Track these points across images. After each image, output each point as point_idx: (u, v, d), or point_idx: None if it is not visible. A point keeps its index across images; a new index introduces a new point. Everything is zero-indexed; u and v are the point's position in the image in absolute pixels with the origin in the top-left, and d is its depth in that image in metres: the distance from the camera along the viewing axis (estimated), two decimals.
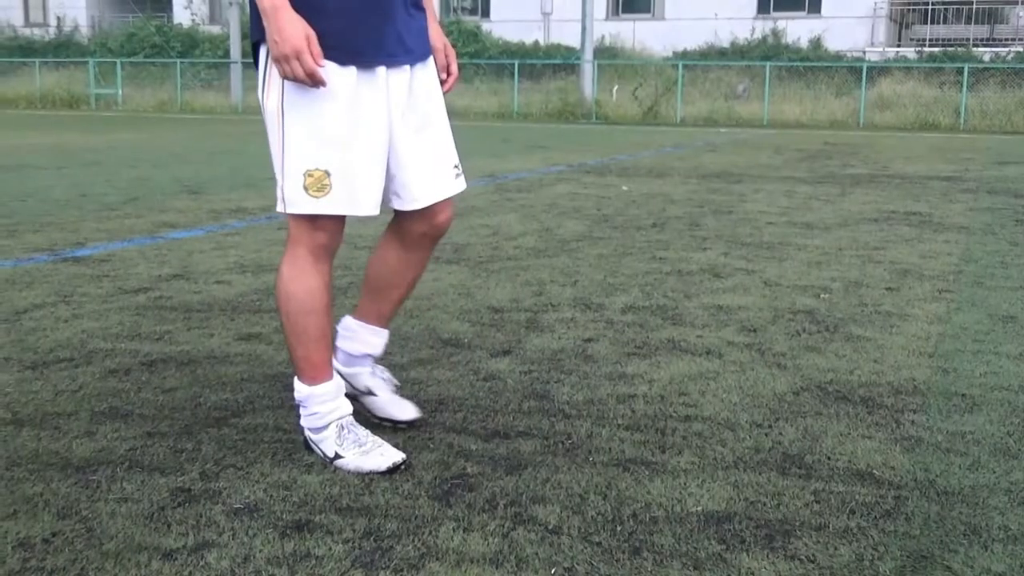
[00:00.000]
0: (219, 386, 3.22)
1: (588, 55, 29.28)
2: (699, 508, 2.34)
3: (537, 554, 2.10)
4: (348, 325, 2.86)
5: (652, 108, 27.55)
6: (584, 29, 29.04)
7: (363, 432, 2.61)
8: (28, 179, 9.79)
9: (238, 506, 2.31)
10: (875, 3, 34.46)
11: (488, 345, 3.77)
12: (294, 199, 2.47)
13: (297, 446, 2.68)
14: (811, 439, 2.81)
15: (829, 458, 2.67)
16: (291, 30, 2.29)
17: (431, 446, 2.71)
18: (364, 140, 2.47)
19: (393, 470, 2.51)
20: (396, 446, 2.65)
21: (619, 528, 2.23)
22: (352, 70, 2.43)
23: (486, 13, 38.13)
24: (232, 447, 2.68)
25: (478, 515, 2.28)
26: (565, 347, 3.76)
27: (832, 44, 32.70)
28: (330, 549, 2.11)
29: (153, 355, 3.58)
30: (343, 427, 2.58)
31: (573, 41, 31.97)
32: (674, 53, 32.91)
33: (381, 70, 2.48)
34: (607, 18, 36.29)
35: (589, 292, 4.75)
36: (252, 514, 2.27)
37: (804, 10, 35.21)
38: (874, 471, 2.58)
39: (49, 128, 20.01)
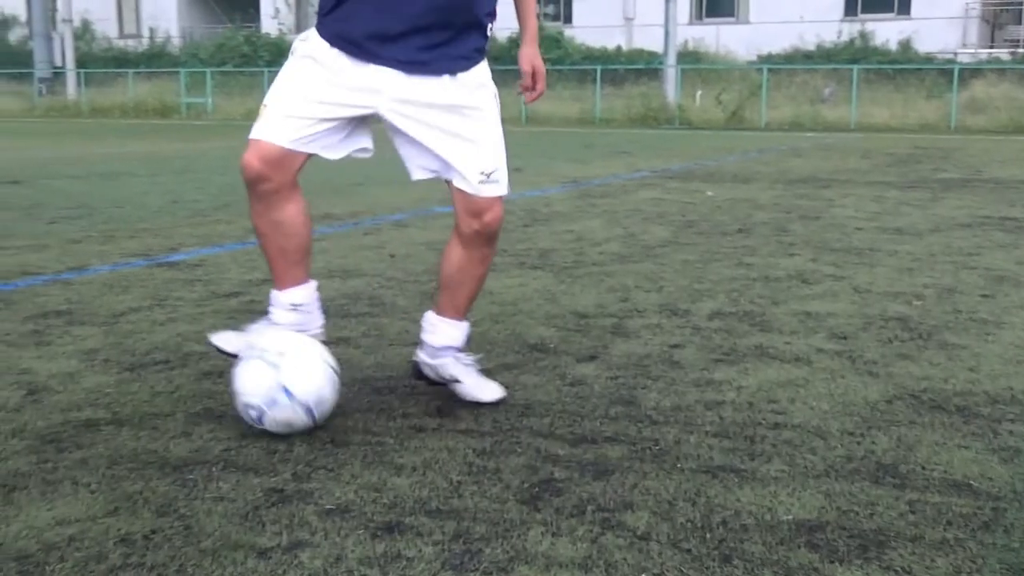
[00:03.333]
0: None
1: (671, 60, 29.11)
2: (790, 517, 2.31)
3: (626, 560, 2.10)
4: (429, 319, 3.12)
5: (736, 112, 27.26)
6: (667, 34, 28.88)
7: (258, 330, 3.04)
8: (124, 186, 10.07)
9: (330, 507, 2.34)
10: (967, 3, 33.66)
11: (574, 350, 3.77)
12: None
13: (386, 448, 2.72)
14: (905, 448, 2.76)
15: (924, 468, 2.61)
16: None
17: (518, 450, 2.72)
18: (306, 92, 2.80)
19: (221, 352, 3.07)
20: (484, 451, 2.68)
21: (709, 535, 2.21)
22: (339, 53, 2.80)
23: (568, 19, 38.14)
24: (323, 449, 2.73)
25: (566, 520, 2.28)
26: (651, 353, 3.74)
27: (922, 46, 32.01)
28: (420, 551, 2.13)
29: None
30: (263, 322, 3.07)
31: (656, 46, 31.80)
32: (758, 57, 32.54)
33: (372, 67, 2.80)
34: (690, 22, 36.00)
35: (675, 298, 4.72)
36: (343, 515, 2.30)
37: (893, 11, 34.53)
38: (971, 482, 2.52)
39: (142, 137, 20.56)
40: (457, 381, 3.11)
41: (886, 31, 32.91)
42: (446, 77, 2.82)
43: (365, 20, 2.76)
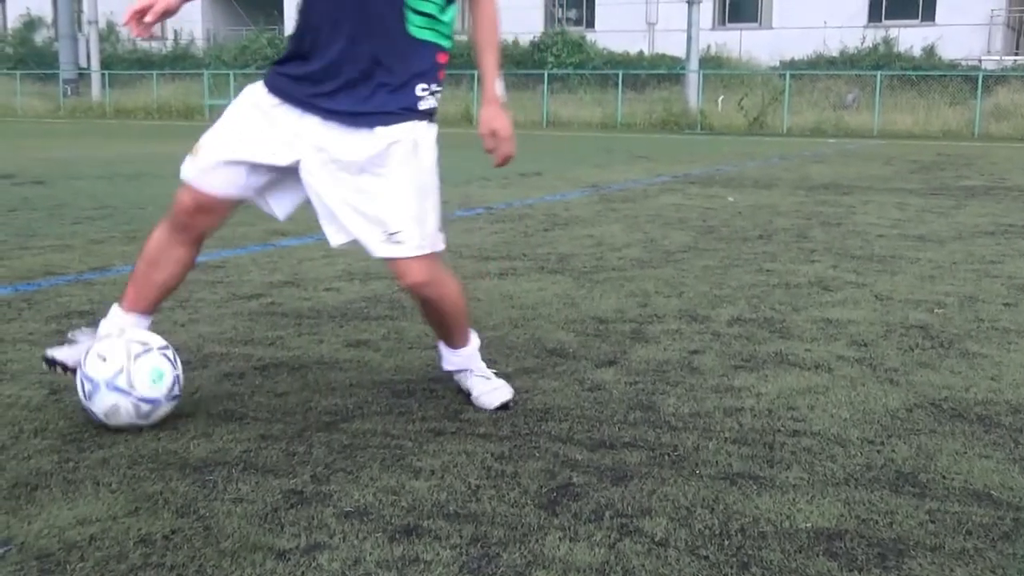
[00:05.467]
0: (329, 391, 3.29)
1: (693, 65, 29.07)
2: (809, 524, 2.30)
3: (644, 566, 2.09)
4: (439, 346, 3.28)
5: (758, 118, 27.20)
6: (690, 39, 28.85)
7: (84, 335, 3.11)
8: (147, 187, 10.13)
9: (348, 509, 2.35)
10: (992, 10, 33.43)
11: (593, 355, 3.77)
12: None
13: (405, 452, 2.73)
14: (925, 457, 2.74)
15: (944, 477, 2.60)
16: None
17: (537, 455, 2.72)
18: (237, 136, 2.92)
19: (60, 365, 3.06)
20: (502, 455, 2.69)
21: (727, 542, 2.21)
22: (275, 99, 2.90)
23: (591, 23, 38.08)
24: (342, 451, 2.74)
25: (584, 525, 2.29)
26: (671, 359, 3.74)
27: (946, 52, 31.80)
28: (438, 554, 2.13)
29: (266, 360, 3.67)
30: (88, 329, 3.17)
31: (678, 51, 31.74)
32: (781, 62, 32.42)
33: (299, 113, 2.87)
34: (713, 28, 35.89)
35: (695, 304, 4.71)
36: (362, 517, 2.31)
37: (917, 17, 34.32)
38: (992, 492, 2.51)
39: (165, 138, 20.66)
40: (470, 392, 3.20)
41: (910, 37, 32.72)
42: (364, 131, 2.85)
43: (302, 72, 2.87)
